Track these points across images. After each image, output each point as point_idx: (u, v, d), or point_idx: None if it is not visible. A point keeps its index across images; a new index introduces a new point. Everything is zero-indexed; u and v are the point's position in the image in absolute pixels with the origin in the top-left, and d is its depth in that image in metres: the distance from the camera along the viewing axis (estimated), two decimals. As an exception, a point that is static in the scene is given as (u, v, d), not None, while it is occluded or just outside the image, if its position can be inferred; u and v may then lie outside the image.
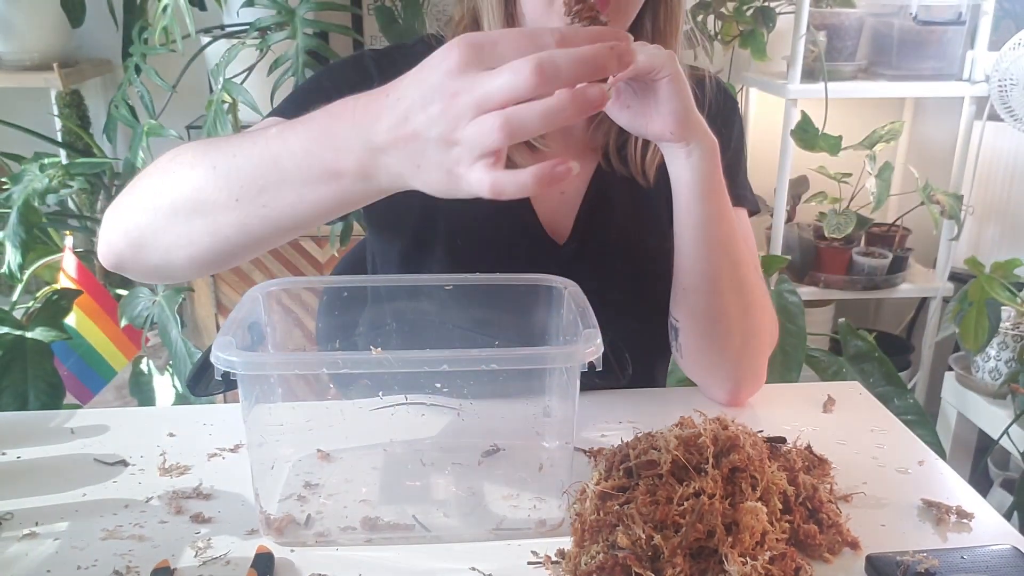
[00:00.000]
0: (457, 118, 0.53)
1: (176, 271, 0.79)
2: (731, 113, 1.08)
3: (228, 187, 0.66)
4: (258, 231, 0.69)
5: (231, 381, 0.74)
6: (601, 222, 1.04)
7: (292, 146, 0.63)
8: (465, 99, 0.53)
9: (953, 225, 2.33)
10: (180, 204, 0.71)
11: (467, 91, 0.53)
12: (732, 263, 0.93)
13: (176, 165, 0.74)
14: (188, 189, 0.71)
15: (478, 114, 0.52)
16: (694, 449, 0.73)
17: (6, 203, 1.64)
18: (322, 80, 0.99)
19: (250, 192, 0.65)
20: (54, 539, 0.76)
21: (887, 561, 0.71)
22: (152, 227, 0.76)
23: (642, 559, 0.67)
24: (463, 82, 0.53)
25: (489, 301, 0.91)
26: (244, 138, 0.69)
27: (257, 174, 0.65)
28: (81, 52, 2.34)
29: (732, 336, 0.96)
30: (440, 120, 0.54)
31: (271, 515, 0.77)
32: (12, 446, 0.91)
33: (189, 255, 0.75)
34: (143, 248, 0.77)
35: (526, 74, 0.50)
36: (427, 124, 0.55)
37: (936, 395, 2.31)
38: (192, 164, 0.71)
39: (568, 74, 0.51)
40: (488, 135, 0.52)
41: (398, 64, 0.98)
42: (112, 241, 0.80)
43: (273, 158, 0.64)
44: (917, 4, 2.22)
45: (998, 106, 2.20)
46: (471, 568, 0.72)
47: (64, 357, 1.58)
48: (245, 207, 0.66)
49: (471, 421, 0.88)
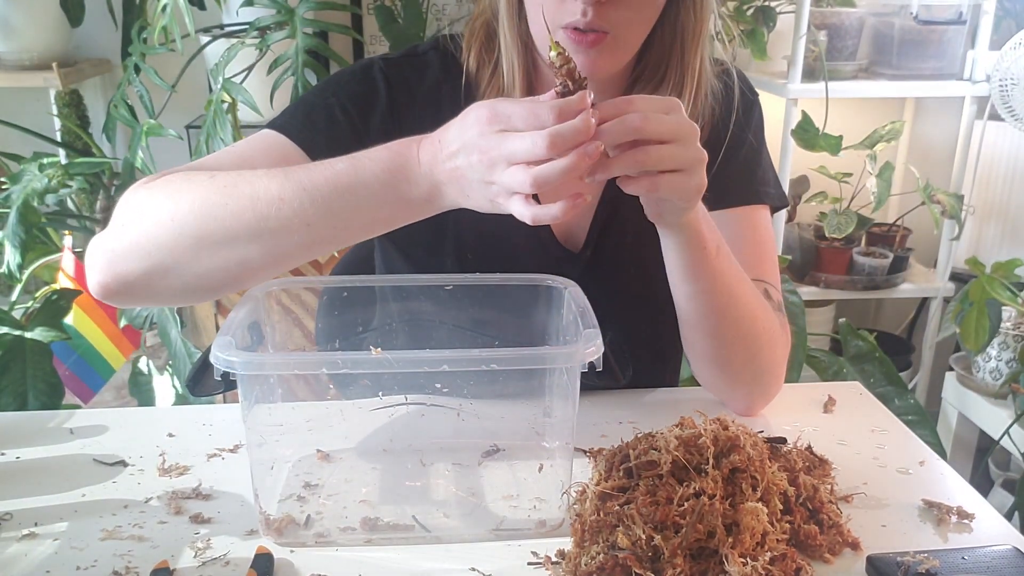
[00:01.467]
0: (491, 167, 0.70)
1: (204, 292, 0.84)
2: (751, 108, 1.05)
3: (302, 216, 0.75)
4: (319, 248, 0.79)
5: (231, 381, 0.74)
6: (615, 230, 1.03)
7: (366, 178, 0.75)
8: (496, 154, 0.69)
9: (954, 225, 2.33)
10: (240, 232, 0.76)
11: (497, 148, 0.69)
12: (734, 320, 0.91)
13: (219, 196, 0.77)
14: (249, 217, 0.76)
15: (507, 167, 0.69)
16: (694, 449, 0.73)
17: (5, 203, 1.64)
18: (327, 95, 0.97)
19: (324, 218, 0.76)
20: (53, 539, 0.75)
21: (888, 562, 0.71)
22: (194, 252, 0.77)
23: (642, 560, 0.67)
24: (493, 140, 0.69)
25: (489, 301, 0.90)
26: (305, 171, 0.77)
27: (332, 201, 0.75)
28: (80, 52, 2.34)
29: (742, 374, 0.96)
30: (479, 167, 0.70)
31: (271, 515, 0.77)
32: (11, 446, 0.90)
33: (236, 275, 0.80)
34: (168, 273, 0.79)
35: (543, 145, 0.67)
36: (469, 168, 0.71)
37: (937, 395, 2.31)
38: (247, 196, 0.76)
39: (571, 143, 0.68)
40: (521, 184, 0.68)
41: (409, 79, 0.99)
42: (121, 268, 0.80)
43: (349, 188, 0.75)
44: (918, 4, 2.22)
45: (999, 106, 2.19)
46: (471, 568, 0.72)
47: (64, 357, 1.58)
48: (316, 230, 0.76)
49: (471, 421, 0.87)
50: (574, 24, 0.84)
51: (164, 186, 0.81)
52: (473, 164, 0.70)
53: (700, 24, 0.93)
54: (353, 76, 1.00)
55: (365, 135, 0.95)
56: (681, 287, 0.90)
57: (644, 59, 0.96)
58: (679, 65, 0.94)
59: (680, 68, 0.95)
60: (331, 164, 0.77)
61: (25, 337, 1.31)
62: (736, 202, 1.00)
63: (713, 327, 0.92)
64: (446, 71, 0.99)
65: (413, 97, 0.98)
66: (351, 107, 0.96)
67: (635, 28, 0.88)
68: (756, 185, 1.03)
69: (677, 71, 0.95)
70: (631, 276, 1.04)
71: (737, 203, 1.00)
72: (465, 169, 0.71)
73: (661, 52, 0.95)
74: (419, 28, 2.06)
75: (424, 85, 0.99)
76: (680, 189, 0.77)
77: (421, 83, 0.99)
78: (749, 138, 1.04)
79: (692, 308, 0.91)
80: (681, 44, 0.94)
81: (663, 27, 0.93)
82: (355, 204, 0.75)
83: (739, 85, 1.04)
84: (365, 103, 0.97)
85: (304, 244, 0.77)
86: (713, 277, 0.88)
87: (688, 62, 0.94)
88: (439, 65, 1.00)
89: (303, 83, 1.76)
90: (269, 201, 0.76)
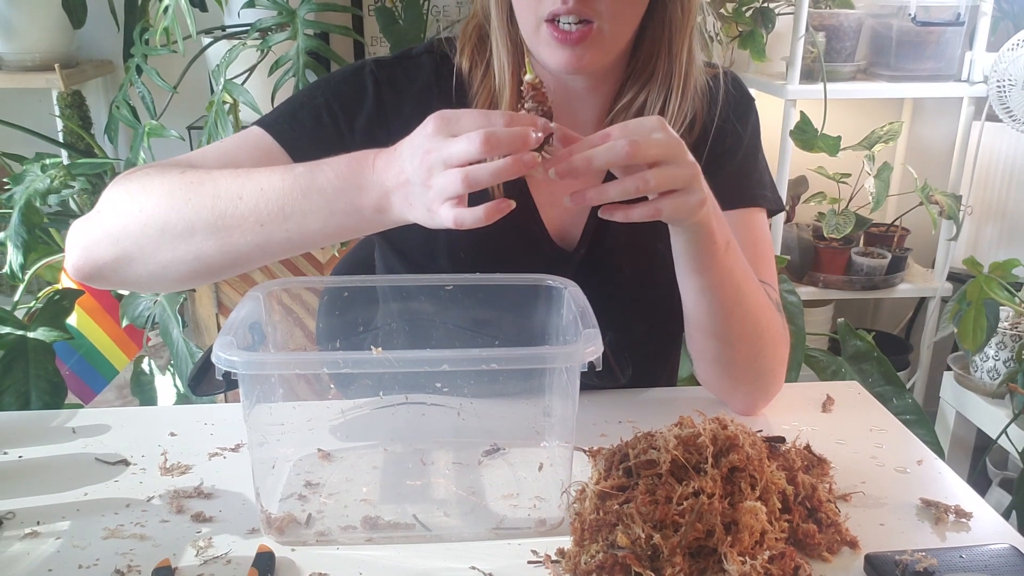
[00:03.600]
0: (429, 170, 0.70)
1: (168, 282, 0.87)
2: (746, 111, 1.06)
3: (257, 216, 0.78)
4: (274, 250, 0.81)
5: (232, 381, 0.74)
6: (612, 227, 1.02)
7: (321, 183, 0.77)
8: (434, 156, 0.70)
9: (951, 225, 2.34)
10: (199, 225, 0.80)
11: (436, 151, 0.70)
12: (740, 317, 0.92)
13: (184, 190, 0.81)
14: (207, 213, 0.80)
15: (445, 168, 0.70)
16: (693, 449, 0.73)
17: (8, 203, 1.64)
18: (316, 94, 0.99)
19: (277, 219, 0.78)
20: (56, 538, 0.76)
21: (886, 560, 0.71)
22: (157, 242, 0.82)
23: (641, 558, 0.67)
24: (434, 143, 0.71)
25: (489, 301, 0.91)
26: (267, 173, 0.79)
27: (285, 203, 0.77)
28: (82, 53, 2.34)
29: (745, 374, 0.97)
30: (420, 169, 0.71)
31: (272, 514, 0.77)
32: (14, 446, 0.91)
33: (193, 269, 0.83)
34: (133, 261, 0.83)
35: (477, 143, 0.68)
36: (413, 171, 0.72)
37: (935, 395, 2.31)
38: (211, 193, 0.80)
39: (506, 145, 0.69)
40: (453, 185, 0.69)
41: (399, 80, 1.00)
42: (93, 252, 0.85)
43: (304, 192, 0.77)
44: (916, 5, 2.22)
45: (996, 107, 2.20)
46: (471, 567, 0.73)
47: (66, 357, 1.58)
48: (269, 231, 0.78)
49: (471, 421, 0.88)
50: (556, 14, 0.85)
51: (140, 178, 0.85)
52: (416, 167, 0.71)
53: (687, 17, 0.94)
54: (343, 77, 1.01)
55: (349, 136, 0.96)
56: (689, 281, 0.90)
57: (635, 56, 0.97)
58: (667, 60, 0.95)
59: (668, 62, 0.95)
60: (294, 167, 0.79)
61: (28, 337, 1.31)
62: (733, 204, 1.00)
63: (719, 325, 0.92)
64: (438, 74, 1.00)
65: (401, 99, 0.99)
66: (338, 107, 0.97)
67: (622, 19, 0.89)
68: (752, 188, 1.04)
69: (666, 65, 0.95)
70: (625, 276, 1.04)
71: (734, 205, 1.01)
72: (409, 173, 0.72)
73: (651, 48, 0.95)
74: (419, 29, 2.06)
75: (414, 87, 1.00)
76: (683, 208, 0.78)
77: (411, 85, 1.00)
78: (746, 141, 1.05)
79: (699, 304, 0.91)
80: (669, 39, 0.94)
81: (652, 23, 0.94)
82: (307, 208, 0.77)
83: (733, 88, 1.05)
84: (352, 104, 0.98)
85: (257, 244, 0.79)
86: (721, 272, 0.88)
87: (676, 55, 0.95)
88: (431, 68, 1.01)
89: (304, 84, 1.76)
90: (228, 199, 0.79)
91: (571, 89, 0.98)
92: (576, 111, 1.00)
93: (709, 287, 0.89)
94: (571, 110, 0.99)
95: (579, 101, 0.99)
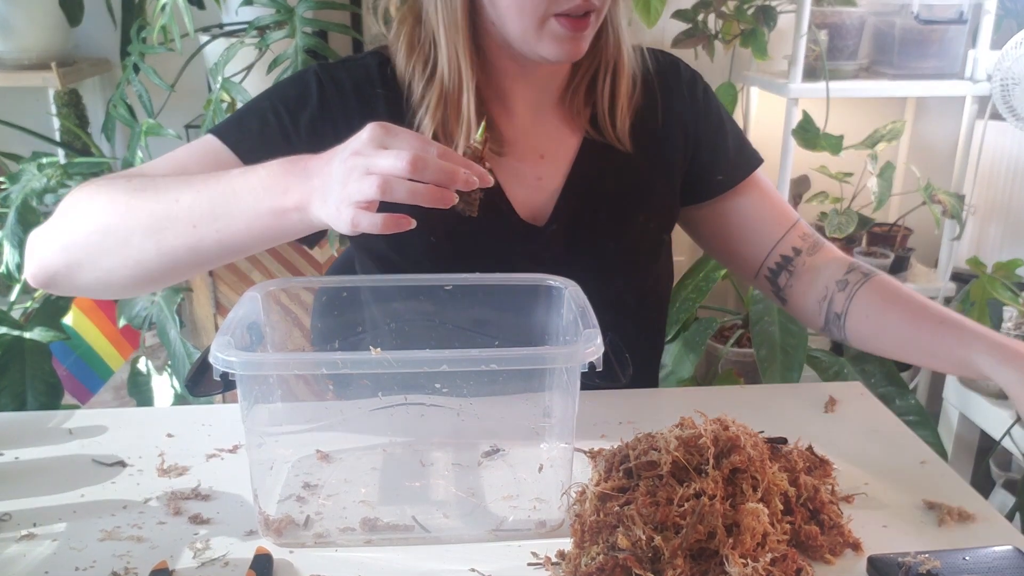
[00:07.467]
0: (351, 171, 0.71)
1: (115, 289, 0.90)
2: (697, 83, 1.11)
3: (190, 216, 0.80)
4: (206, 253, 0.83)
5: (230, 381, 0.74)
6: (589, 202, 1.05)
7: (252, 183, 0.79)
8: (360, 161, 0.71)
9: (955, 225, 2.33)
10: (137, 228, 0.83)
11: (364, 156, 0.71)
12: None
13: (126, 196, 0.84)
14: (145, 216, 0.82)
15: (366, 174, 0.71)
16: (694, 450, 0.73)
17: (4, 203, 1.64)
18: (262, 99, 1.02)
19: (207, 220, 0.80)
20: (52, 540, 0.75)
21: (889, 562, 0.71)
22: (100, 248, 0.85)
23: (642, 560, 0.67)
24: (365, 149, 0.72)
25: (489, 301, 0.90)
26: (206, 177, 0.82)
27: (216, 203, 0.80)
28: (79, 51, 2.33)
29: None
30: (341, 170, 0.72)
31: (270, 516, 0.77)
32: (10, 446, 0.90)
33: (134, 274, 0.86)
34: (82, 267, 0.87)
35: (404, 162, 0.69)
36: (336, 172, 0.73)
37: (938, 396, 2.30)
38: (151, 198, 0.83)
39: (431, 174, 0.70)
40: (368, 188, 0.70)
41: (342, 80, 1.02)
42: (47, 260, 0.88)
43: (234, 192, 0.79)
44: (919, 3, 2.21)
45: (1000, 105, 2.19)
46: (471, 569, 0.72)
47: (62, 357, 1.57)
48: (200, 232, 0.81)
49: (471, 421, 0.87)
50: (568, 11, 0.90)
51: (91, 189, 0.88)
52: (339, 168, 0.72)
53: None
54: (290, 80, 1.05)
55: (295, 135, 0.99)
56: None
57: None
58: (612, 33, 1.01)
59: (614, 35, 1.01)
60: (231, 171, 0.81)
61: (24, 337, 1.31)
62: (743, 175, 1.10)
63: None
64: (382, 75, 1.02)
65: (346, 97, 1.01)
66: (283, 109, 1.00)
67: (610, 5, 0.95)
68: (748, 155, 1.12)
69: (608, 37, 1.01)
70: (609, 250, 1.06)
71: (744, 175, 1.10)
72: (334, 172, 0.73)
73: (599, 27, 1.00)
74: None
75: (358, 86, 1.02)
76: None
77: (355, 84, 1.02)
78: (722, 115, 1.12)
79: None
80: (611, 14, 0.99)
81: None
82: (235, 209, 0.79)
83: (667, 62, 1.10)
84: (296, 104, 1.00)
85: (190, 247, 0.82)
86: None
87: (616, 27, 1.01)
88: (376, 67, 1.03)
89: (303, 83, 1.75)
90: (167, 201, 0.82)
91: (539, 76, 1.02)
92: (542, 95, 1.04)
93: None
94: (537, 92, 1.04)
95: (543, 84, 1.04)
